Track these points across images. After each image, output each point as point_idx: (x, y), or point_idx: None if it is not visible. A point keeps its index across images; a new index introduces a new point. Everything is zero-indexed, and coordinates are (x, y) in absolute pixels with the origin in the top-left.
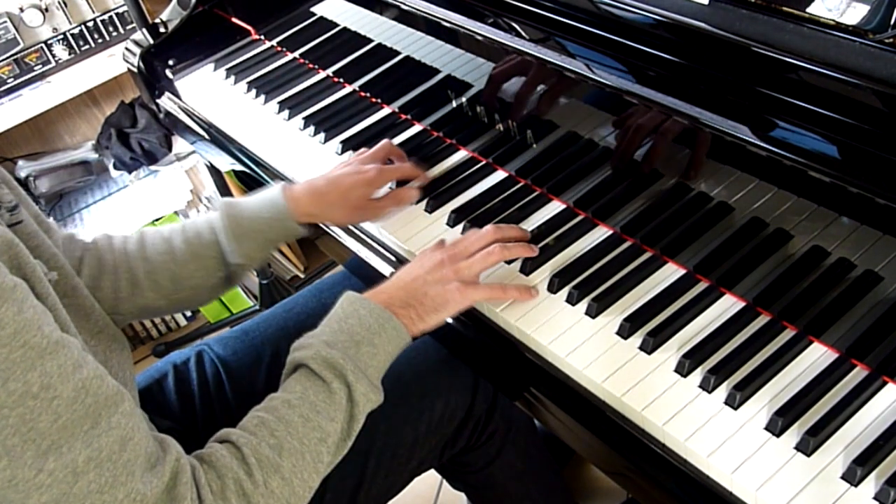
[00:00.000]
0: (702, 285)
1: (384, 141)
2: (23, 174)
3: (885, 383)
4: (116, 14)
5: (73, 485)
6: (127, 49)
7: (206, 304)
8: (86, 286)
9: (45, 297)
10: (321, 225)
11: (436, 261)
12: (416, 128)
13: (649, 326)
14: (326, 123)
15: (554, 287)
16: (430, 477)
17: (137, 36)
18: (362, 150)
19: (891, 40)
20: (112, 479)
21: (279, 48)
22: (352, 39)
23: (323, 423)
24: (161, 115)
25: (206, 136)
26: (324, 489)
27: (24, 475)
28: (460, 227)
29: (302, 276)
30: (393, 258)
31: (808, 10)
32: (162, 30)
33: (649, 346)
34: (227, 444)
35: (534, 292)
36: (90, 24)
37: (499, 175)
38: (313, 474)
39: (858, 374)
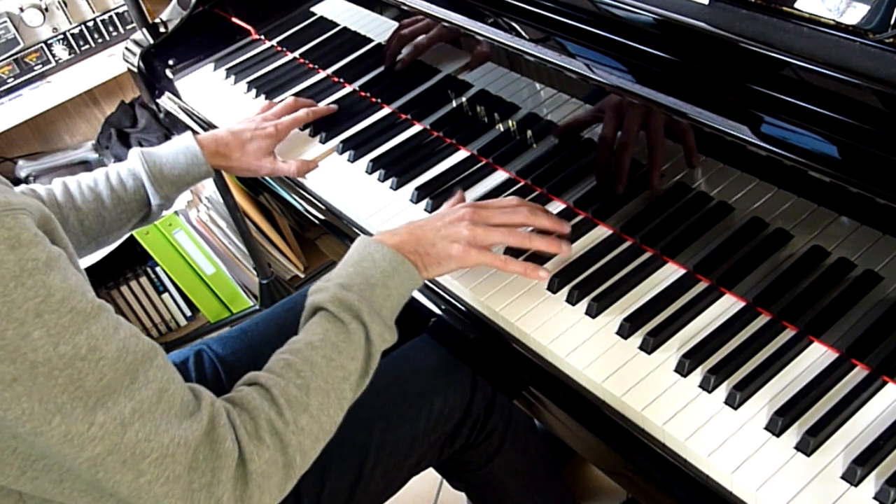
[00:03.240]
0: (702, 285)
1: (290, 98)
2: (23, 174)
3: (885, 383)
4: (116, 14)
5: (123, 435)
6: (127, 49)
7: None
8: None
9: (79, 270)
10: (321, 227)
11: (457, 216)
12: (416, 128)
13: (649, 326)
14: (326, 123)
15: (554, 287)
16: (430, 477)
17: (137, 36)
18: (268, 104)
19: (891, 40)
20: (155, 427)
21: (279, 48)
22: (352, 39)
23: (345, 363)
24: (161, 115)
25: None
26: (322, 485)
27: (78, 429)
28: None
29: (302, 276)
30: None
31: (809, 10)
32: (162, 30)
33: (649, 346)
34: (255, 385)
35: (543, 273)
36: (90, 23)
37: (499, 175)
38: (338, 410)
39: (858, 374)
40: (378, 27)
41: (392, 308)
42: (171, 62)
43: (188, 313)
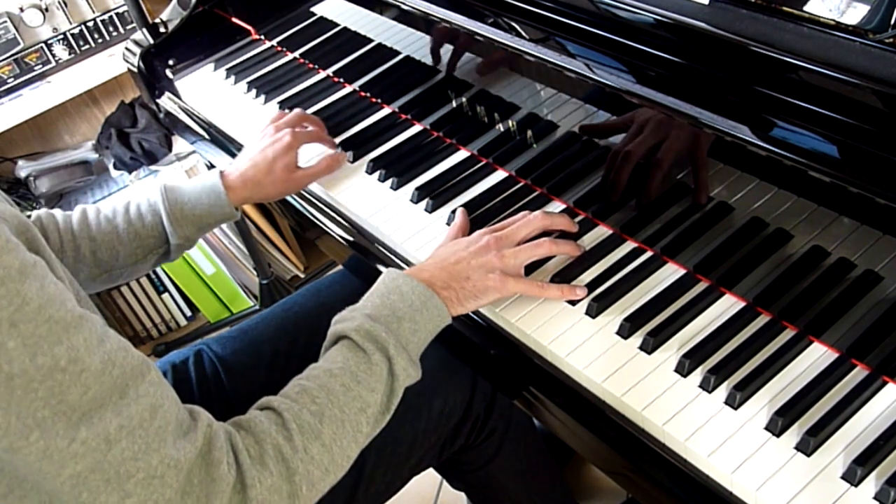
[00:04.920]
0: (702, 285)
1: (297, 110)
2: (23, 174)
3: (885, 383)
4: (116, 14)
5: (107, 452)
6: (127, 49)
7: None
8: None
9: (63, 281)
10: (321, 227)
11: (481, 244)
12: (416, 128)
13: (649, 326)
14: (327, 124)
15: None
16: (431, 477)
17: (137, 36)
18: (276, 116)
19: (891, 40)
20: (145, 445)
21: (279, 48)
22: (352, 39)
23: (363, 394)
24: (161, 115)
25: (206, 136)
26: None
27: (58, 445)
28: None
29: (302, 276)
30: (393, 258)
31: (809, 9)
32: (162, 30)
33: (649, 346)
34: (267, 410)
35: (579, 292)
36: (90, 24)
37: (499, 175)
38: (352, 444)
39: (858, 374)
40: (378, 27)
41: (419, 343)
42: (171, 62)
43: (188, 313)
